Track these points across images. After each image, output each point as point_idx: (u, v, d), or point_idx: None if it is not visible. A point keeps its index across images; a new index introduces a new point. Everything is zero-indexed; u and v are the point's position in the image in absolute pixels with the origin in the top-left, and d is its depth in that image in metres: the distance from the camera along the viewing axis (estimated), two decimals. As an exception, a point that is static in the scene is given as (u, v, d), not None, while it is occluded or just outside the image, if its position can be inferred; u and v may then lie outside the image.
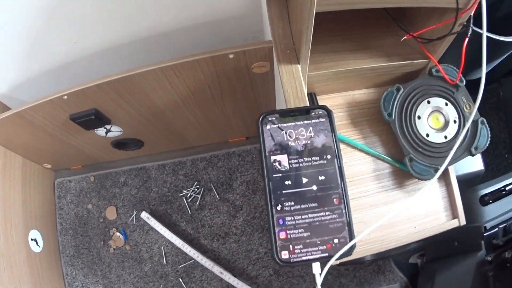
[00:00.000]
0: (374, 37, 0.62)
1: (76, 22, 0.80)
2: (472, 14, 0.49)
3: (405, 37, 0.56)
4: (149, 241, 1.15)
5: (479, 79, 0.81)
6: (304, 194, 0.42)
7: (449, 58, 0.60)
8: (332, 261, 0.41)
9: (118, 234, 1.17)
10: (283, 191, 0.42)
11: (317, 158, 0.43)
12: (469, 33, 0.49)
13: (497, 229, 0.73)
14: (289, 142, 0.44)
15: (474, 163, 0.81)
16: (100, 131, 0.96)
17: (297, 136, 0.44)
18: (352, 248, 0.41)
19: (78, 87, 0.74)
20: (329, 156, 0.43)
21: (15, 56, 0.87)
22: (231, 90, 0.86)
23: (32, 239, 1.09)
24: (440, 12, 0.51)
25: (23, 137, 0.97)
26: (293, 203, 0.42)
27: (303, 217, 0.42)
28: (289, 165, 0.43)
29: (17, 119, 0.86)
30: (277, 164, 0.43)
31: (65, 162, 1.23)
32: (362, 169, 0.61)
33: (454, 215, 0.62)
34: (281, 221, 0.42)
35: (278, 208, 0.42)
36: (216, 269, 1.04)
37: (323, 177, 0.43)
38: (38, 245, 1.11)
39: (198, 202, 1.15)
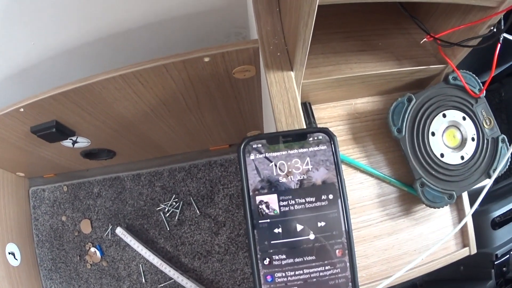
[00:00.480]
0: (381, 35, 0.53)
1: (32, 21, 0.68)
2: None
3: (424, 39, 0.46)
4: (127, 258, 1.05)
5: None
6: (298, 245, 0.33)
7: (460, 63, 0.51)
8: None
9: (93, 249, 1.07)
10: (272, 242, 0.33)
11: (316, 199, 0.33)
12: (501, 39, 0.40)
13: (508, 256, 0.65)
14: (280, 178, 0.34)
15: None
16: (66, 143, 0.85)
17: (290, 170, 0.34)
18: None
19: (33, 99, 0.63)
20: (331, 196, 0.33)
21: None
22: (209, 98, 0.74)
23: (9, 253, 1.01)
24: (464, 11, 0.41)
25: None
26: (284, 256, 0.33)
27: (297, 273, 0.33)
28: (279, 208, 0.33)
29: None
30: (264, 206, 0.33)
31: (38, 171, 1.13)
32: (364, 194, 0.52)
33: (465, 243, 0.55)
34: (269, 278, 0.33)
35: (266, 262, 0.32)
36: None
37: (323, 223, 0.33)
38: (16, 259, 1.03)
39: (177, 217, 1.03)
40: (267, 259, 0.32)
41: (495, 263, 0.64)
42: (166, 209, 1.04)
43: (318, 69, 0.49)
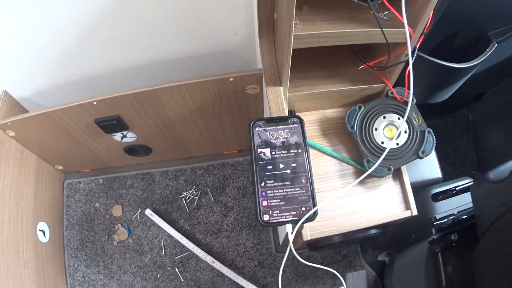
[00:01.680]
0: (342, 66, 0.80)
1: (105, 43, 0.98)
2: (417, 46, 0.66)
3: (362, 66, 0.74)
4: (151, 236, 1.30)
5: (443, 102, 1.01)
6: (281, 175, 0.59)
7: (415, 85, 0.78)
8: (300, 223, 0.57)
9: (122, 229, 1.32)
10: (266, 173, 0.60)
11: (291, 151, 0.61)
12: (410, 63, 0.66)
13: (446, 219, 0.90)
14: (271, 140, 0.62)
15: (433, 172, 0.99)
16: (117, 136, 1.13)
17: (277, 136, 0.62)
18: (315, 214, 0.58)
19: (107, 95, 0.92)
20: (299, 150, 0.61)
21: (46, 65, 1.05)
22: (229, 107, 1.05)
23: (40, 230, 1.22)
24: (392, 46, 0.68)
25: (44, 137, 1.12)
26: (272, 181, 0.59)
27: (279, 191, 0.59)
28: (271, 156, 0.61)
29: (43, 119, 1.02)
30: (262, 154, 0.61)
31: (77, 165, 1.39)
32: (330, 169, 0.78)
33: (407, 207, 0.77)
34: (263, 193, 0.59)
35: (262, 184, 0.59)
36: (209, 259, 1.20)
37: (295, 164, 0.60)
38: (45, 236, 1.24)
39: (195, 203, 1.31)
40: (263, 183, 0.59)
41: (435, 223, 0.89)
42: (187, 197, 1.31)
43: (298, 88, 0.77)
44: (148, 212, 1.29)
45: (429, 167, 1.00)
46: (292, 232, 0.59)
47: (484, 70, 1.03)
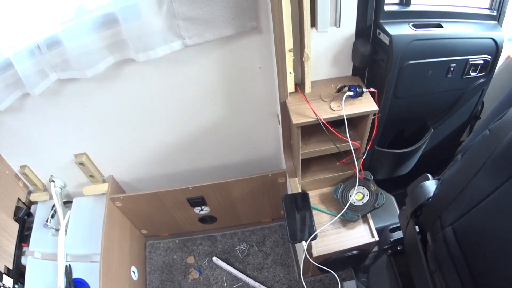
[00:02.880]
0: (329, 163, 1.50)
1: (191, 154, 1.73)
2: (368, 147, 1.35)
3: (338, 162, 1.43)
4: (216, 274, 1.93)
5: (390, 178, 1.65)
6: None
7: (377, 170, 1.46)
8: (309, 239, 1.22)
9: (195, 271, 1.95)
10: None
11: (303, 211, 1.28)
12: (363, 158, 1.35)
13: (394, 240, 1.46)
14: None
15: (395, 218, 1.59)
16: (197, 209, 1.82)
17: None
18: (315, 236, 1.22)
19: (198, 184, 1.64)
20: (307, 210, 1.28)
21: (146, 163, 1.81)
22: (268, 190, 1.77)
23: (132, 271, 1.85)
24: (354, 151, 1.37)
25: (143, 208, 1.80)
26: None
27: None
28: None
29: (151, 196, 1.73)
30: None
31: (158, 230, 2.06)
32: (325, 219, 1.44)
33: (372, 236, 1.39)
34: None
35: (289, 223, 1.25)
36: (257, 285, 1.83)
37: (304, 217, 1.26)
38: (136, 276, 1.86)
39: (245, 253, 1.96)
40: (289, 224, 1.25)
41: (389, 244, 1.40)
42: (240, 249, 1.96)
43: (305, 177, 1.48)
44: (214, 259, 1.94)
45: (392, 216, 1.61)
46: (305, 244, 1.23)
47: (430, 149, 1.62)
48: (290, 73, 1.24)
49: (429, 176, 1.05)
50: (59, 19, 1.19)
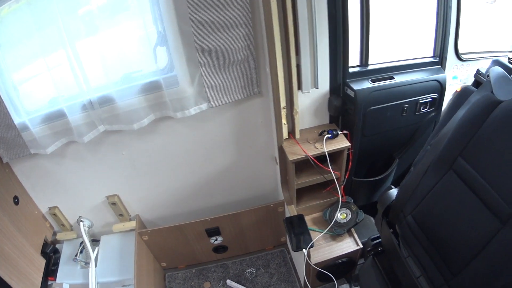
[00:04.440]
0: (318, 192, 1.91)
1: (208, 197, 2.12)
2: (346, 177, 1.77)
3: (324, 191, 1.84)
4: (230, 297, 2.25)
5: (369, 204, 2.07)
6: (298, 232, 1.65)
7: (358, 197, 1.87)
8: (308, 247, 1.60)
9: (211, 296, 2.27)
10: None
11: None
12: (343, 184, 1.77)
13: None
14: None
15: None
16: (212, 239, 2.17)
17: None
18: (312, 245, 1.61)
19: (215, 216, 2.01)
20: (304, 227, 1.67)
21: (169, 204, 2.21)
22: (269, 218, 2.15)
23: None
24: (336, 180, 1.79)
25: (167, 240, 2.14)
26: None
27: (298, 239, 1.63)
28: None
29: (175, 229, 2.08)
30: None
31: (178, 261, 2.38)
32: (319, 237, 1.81)
33: (357, 245, 1.76)
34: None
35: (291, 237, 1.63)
36: None
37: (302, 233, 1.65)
38: None
39: (254, 275, 2.29)
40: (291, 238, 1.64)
41: (371, 247, 1.75)
42: (249, 272, 2.30)
43: (300, 205, 1.89)
44: (228, 281, 2.27)
45: (372, 231, 1.98)
46: (306, 251, 1.60)
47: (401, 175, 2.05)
48: (284, 124, 1.69)
49: (392, 186, 1.48)
50: (110, 82, 1.63)
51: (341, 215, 1.82)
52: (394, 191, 1.47)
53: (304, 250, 1.63)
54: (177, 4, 1.45)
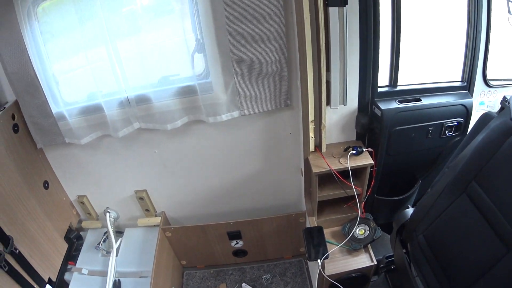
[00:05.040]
0: (338, 206, 1.94)
1: (233, 200, 2.20)
2: (368, 193, 1.79)
3: (345, 205, 1.87)
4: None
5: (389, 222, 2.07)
6: (315, 243, 1.69)
7: (379, 215, 1.89)
8: (323, 258, 1.63)
9: (227, 297, 2.33)
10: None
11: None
12: (363, 201, 1.79)
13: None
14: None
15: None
16: (233, 242, 2.24)
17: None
18: (327, 256, 1.64)
19: (237, 220, 2.09)
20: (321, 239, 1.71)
21: (195, 204, 2.30)
22: (290, 228, 2.19)
23: None
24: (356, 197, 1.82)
25: (189, 239, 2.22)
26: (312, 245, 1.68)
27: (314, 250, 1.67)
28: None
29: (198, 228, 2.17)
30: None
31: (196, 261, 2.45)
32: (336, 250, 1.84)
33: (372, 261, 1.78)
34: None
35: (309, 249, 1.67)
36: None
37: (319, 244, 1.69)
38: None
39: (270, 281, 2.33)
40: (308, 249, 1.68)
41: (384, 263, 1.78)
42: (266, 278, 2.34)
43: (320, 217, 1.92)
44: (244, 285, 2.33)
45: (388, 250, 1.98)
46: (320, 261, 1.64)
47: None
48: (312, 137, 1.74)
49: (409, 206, 1.50)
50: (147, 82, 1.74)
51: (360, 231, 1.84)
52: (410, 211, 1.49)
53: (318, 260, 1.66)
54: (216, 15, 1.55)
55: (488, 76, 1.75)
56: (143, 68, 1.73)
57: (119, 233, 2.31)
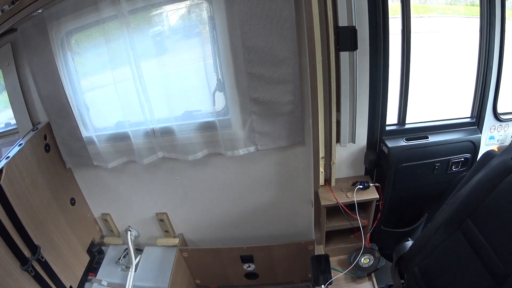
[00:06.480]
0: (345, 236, 2.04)
1: (245, 226, 2.33)
2: (374, 225, 1.89)
3: (352, 236, 1.97)
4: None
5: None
6: (322, 271, 1.79)
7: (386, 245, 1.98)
8: (327, 284, 1.73)
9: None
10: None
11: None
12: (369, 232, 1.89)
13: None
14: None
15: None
16: (246, 265, 2.36)
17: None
18: (331, 282, 1.74)
19: (250, 245, 2.21)
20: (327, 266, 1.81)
21: (213, 228, 2.42)
22: (300, 255, 2.29)
23: None
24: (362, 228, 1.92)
25: (204, 260, 2.35)
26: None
27: (321, 278, 1.77)
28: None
29: (213, 251, 2.30)
30: (316, 264, 1.82)
31: (211, 281, 2.57)
32: (341, 277, 1.93)
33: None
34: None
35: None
36: None
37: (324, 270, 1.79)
38: None
39: None
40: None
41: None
42: None
43: (328, 246, 2.03)
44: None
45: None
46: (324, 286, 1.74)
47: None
48: (322, 172, 1.87)
49: (409, 238, 1.59)
50: (172, 115, 1.91)
51: (364, 260, 1.93)
52: (409, 243, 1.57)
53: (322, 286, 1.76)
54: (235, 59, 1.72)
55: (499, 110, 1.79)
56: (168, 103, 1.90)
57: (138, 250, 2.45)
